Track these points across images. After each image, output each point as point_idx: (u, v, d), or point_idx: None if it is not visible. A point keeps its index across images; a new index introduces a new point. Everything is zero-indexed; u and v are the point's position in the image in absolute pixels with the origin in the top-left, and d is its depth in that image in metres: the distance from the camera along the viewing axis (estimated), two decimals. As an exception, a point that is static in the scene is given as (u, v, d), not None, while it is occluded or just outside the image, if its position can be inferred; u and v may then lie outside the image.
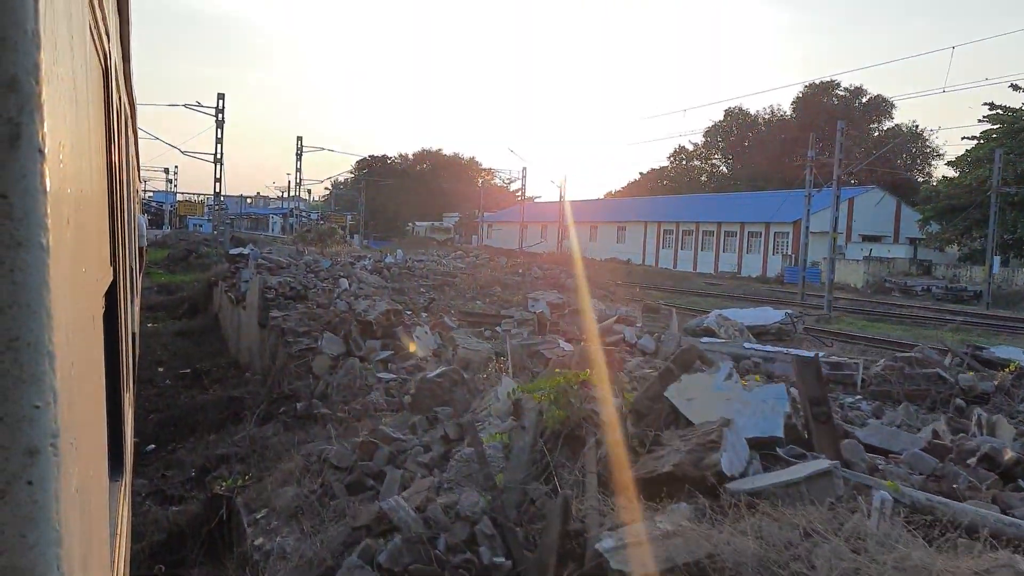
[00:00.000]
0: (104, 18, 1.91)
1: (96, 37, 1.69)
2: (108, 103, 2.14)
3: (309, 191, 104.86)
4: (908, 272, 50.70)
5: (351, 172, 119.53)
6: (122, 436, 2.53)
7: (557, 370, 7.49)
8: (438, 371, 8.72)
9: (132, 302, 4.14)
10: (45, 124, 0.79)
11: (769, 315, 17.75)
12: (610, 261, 59.08)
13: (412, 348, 11.29)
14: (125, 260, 2.90)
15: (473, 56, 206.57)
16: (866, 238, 57.70)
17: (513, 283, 27.27)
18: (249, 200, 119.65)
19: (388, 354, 11.12)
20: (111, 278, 2.20)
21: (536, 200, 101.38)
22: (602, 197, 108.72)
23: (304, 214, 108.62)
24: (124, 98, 3.56)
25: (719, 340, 14.08)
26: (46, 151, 0.78)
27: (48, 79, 0.81)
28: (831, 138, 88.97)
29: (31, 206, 0.76)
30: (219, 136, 40.83)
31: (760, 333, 16.07)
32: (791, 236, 56.61)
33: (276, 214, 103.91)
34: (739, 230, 60.66)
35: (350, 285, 18.00)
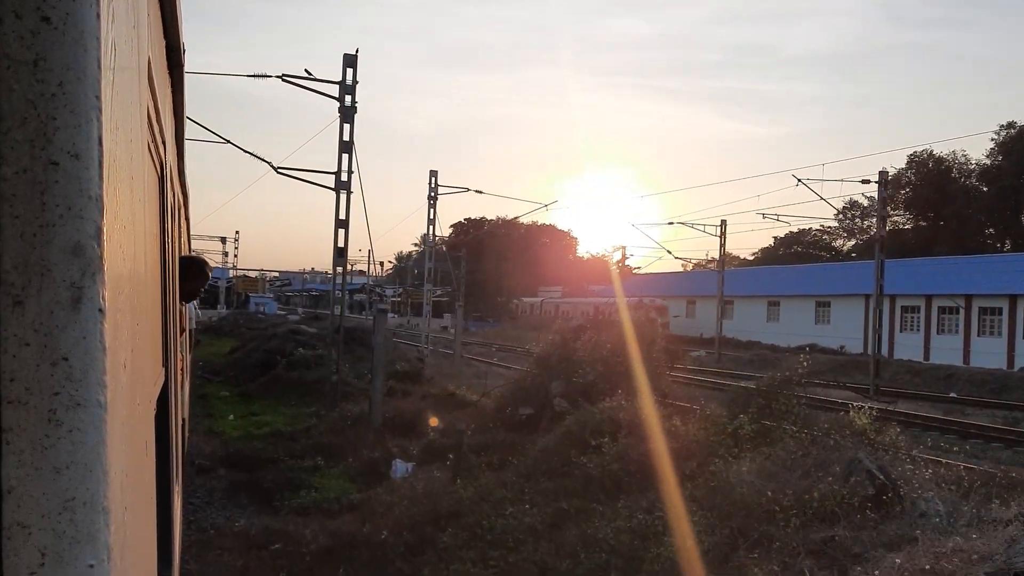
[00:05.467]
0: (162, 131, 1.98)
1: (154, 151, 1.73)
2: (163, 202, 2.17)
3: (382, 264, 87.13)
4: None
5: (416, 245, 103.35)
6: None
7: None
8: None
9: (183, 386, 4.72)
10: (107, 285, 0.80)
11: None
12: (810, 351, 39.60)
13: None
14: (177, 354, 3.07)
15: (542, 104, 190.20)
16: None
17: None
18: (305, 276, 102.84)
19: None
20: (163, 380, 2.25)
21: (636, 270, 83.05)
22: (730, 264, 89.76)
23: (377, 290, 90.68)
24: (178, 193, 3.59)
25: None
26: (106, 308, 0.79)
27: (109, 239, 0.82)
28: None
29: (90, 365, 0.78)
30: (346, 137, 20.54)
31: None
32: None
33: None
34: (1057, 305, 41.24)
35: None
